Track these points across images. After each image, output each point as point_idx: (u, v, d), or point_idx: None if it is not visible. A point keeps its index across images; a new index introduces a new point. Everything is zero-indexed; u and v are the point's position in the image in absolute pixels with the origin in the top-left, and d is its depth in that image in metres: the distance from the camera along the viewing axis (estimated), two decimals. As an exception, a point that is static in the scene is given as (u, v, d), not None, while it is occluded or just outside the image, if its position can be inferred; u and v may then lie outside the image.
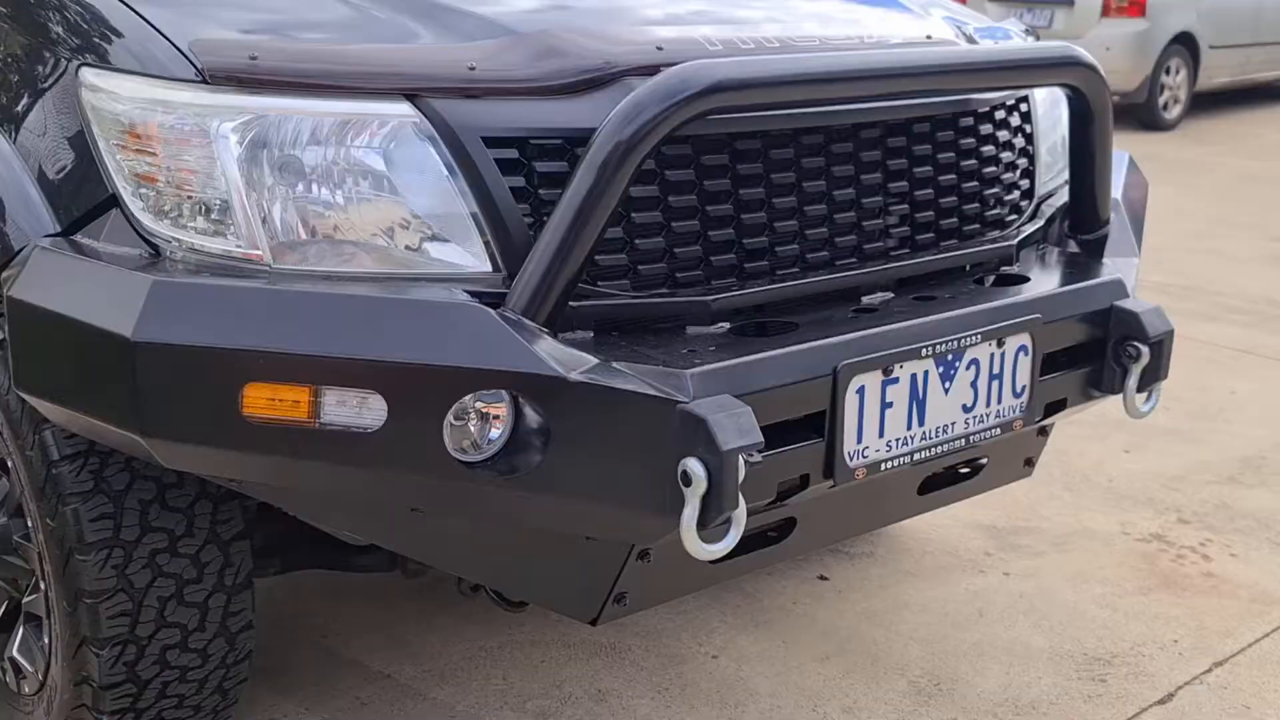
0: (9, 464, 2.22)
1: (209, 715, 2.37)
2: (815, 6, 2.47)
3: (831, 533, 2.30)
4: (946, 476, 2.40)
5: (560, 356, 1.76)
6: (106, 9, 2.01)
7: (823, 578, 3.25)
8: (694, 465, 1.73)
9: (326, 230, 1.85)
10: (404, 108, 1.87)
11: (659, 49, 2.01)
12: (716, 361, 1.83)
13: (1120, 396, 2.30)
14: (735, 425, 1.73)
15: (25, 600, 2.33)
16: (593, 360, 1.77)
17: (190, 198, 1.84)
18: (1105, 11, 10.50)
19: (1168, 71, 10.72)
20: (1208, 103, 11.69)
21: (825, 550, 3.37)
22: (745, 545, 2.15)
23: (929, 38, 2.37)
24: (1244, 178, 8.91)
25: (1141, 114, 10.72)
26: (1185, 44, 10.81)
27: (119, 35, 1.97)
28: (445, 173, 1.87)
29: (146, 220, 1.87)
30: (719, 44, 2.06)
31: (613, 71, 1.96)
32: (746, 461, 1.75)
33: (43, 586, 2.22)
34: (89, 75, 1.94)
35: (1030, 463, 2.55)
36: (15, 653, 2.39)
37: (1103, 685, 2.81)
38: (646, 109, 1.79)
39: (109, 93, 1.90)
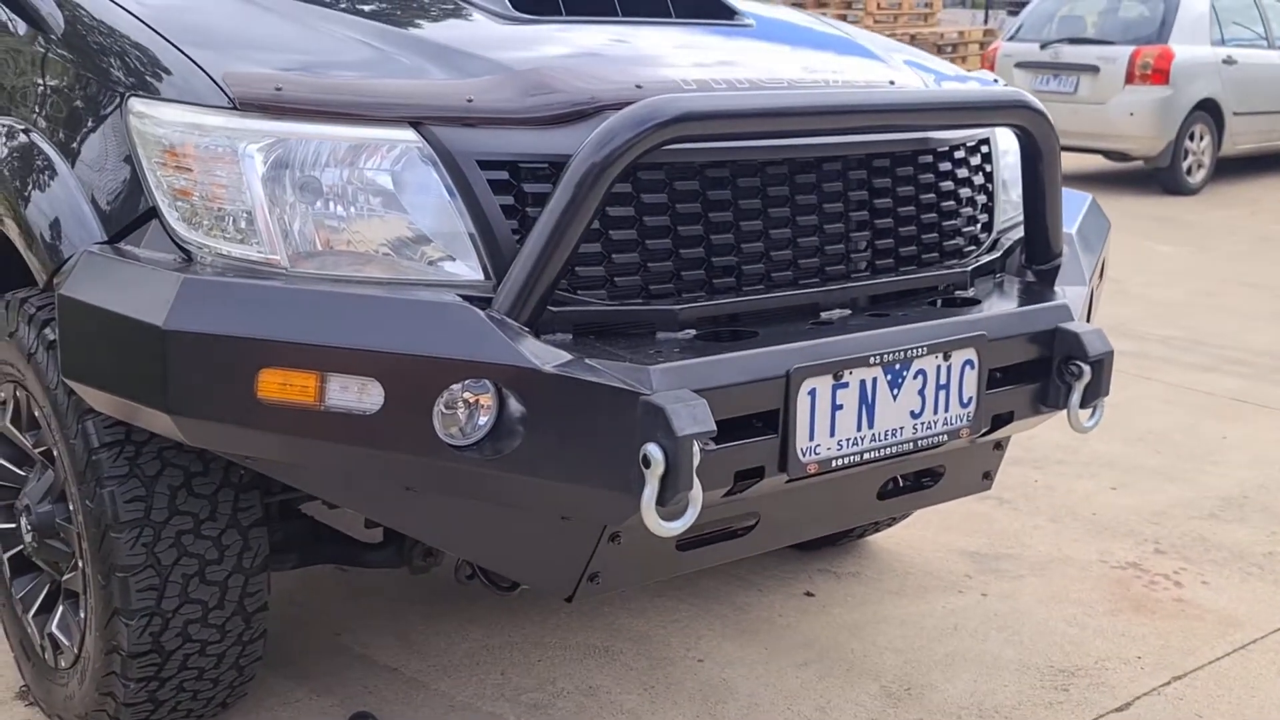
0: (54, 454, 2.47)
1: (225, 689, 2.59)
2: (787, 54, 2.72)
3: (795, 530, 2.51)
4: (907, 484, 2.60)
5: (538, 352, 1.99)
6: (157, 48, 2.29)
7: (809, 594, 3.45)
8: (653, 449, 1.95)
9: (337, 241, 2.10)
10: (409, 134, 2.12)
11: (638, 87, 2.26)
12: (678, 360, 2.05)
13: (1065, 412, 2.50)
14: (690, 414, 1.95)
15: (65, 579, 2.58)
16: (566, 356, 2.01)
17: (219, 210, 2.10)
18: (1129, 79, 10.72)
19: (1191, 137, 10.90)
20: (1232, 168, 11.85)
21: (813, 569, 3.57)
22: (712, 538, 2.37)
23: (892, 83, 2.60)
24: (1263, 239, 9.07)
25: (1165, 179, 10.90)
26: (1209, 110, 11.00)
27: (166, 71, 2.25)
28: (444, 192, 2.12)
29: (181, 229, 2.13)
30: (693, 84, 2.31)
31: (595, 105, 2.20)
32: (702, 449, 1.97)
33: (80, 564, 2.47)
34: (136, 104, 2.21)
35: (989, 476, 2.74)
36: (55, 628, 2.64)
37: (1064, 694, 2.99)
38: (619, 135, 2.03)
39: (153, 118, 2.18)
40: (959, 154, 2.64)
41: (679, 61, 2.46)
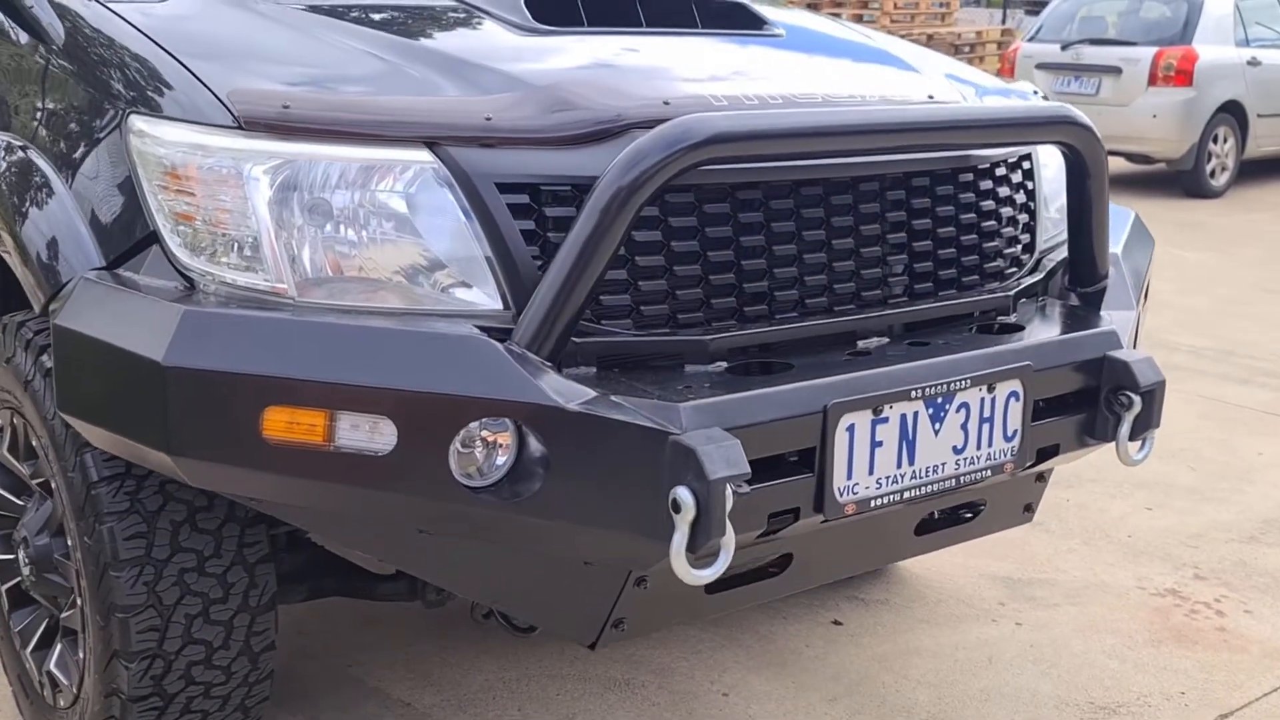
0: (52, 485, 2.36)
1: (232, 731, 2.48)
2: (821, 67, 2.59)
3: (828, 570, 2.38)
4: (945, 518, 2.48)
5: (560, 388, 1.87)
6: (158, 62, 2.17)
7: (837, 622, 3.32)
8: (683, 493, 1.83)
9: (348, 268, 1.98)
10: (424, 154, 2.00)
11: (666, 104, 2.14)
12: (709, 396, 1.93)
13: (1113, 444, 2.37)
14: (723, 456, 1.83)
15: (63, 616, 2.46)
16: (591, 393, 1.89)
17: (224, 235, 1.98)
18: (1152, 80, 10.56)
19: (1215, 140, 10.74)
20: (1257, 170, 11.68)
21: (841, 596, 3.45)
22: (742, 579, 2.25)
23: (931, 97, 2.48)
24: (1289, 245, 8.92)
25: (1188, 182, 10.74)
26: (1233, 112, 10.84)
27: (168, 86, 2.13)
28: (461, 216, 2.00)
29: (183, 256, 2.02)
30: (724, 100, 2.19)
31: (621, 124, 2.08)
32: (735, 492, 1.85)
33: (79, 602, 2.35)
34: (137, 122, 2.10)
35: (1030, 509, 2.62)
36: (53, 667, 2.52)
37: (1106, 733, 2.86)
38: (647, 157, 1.91)
39: (154, 137, 2.06)
40: (1000, 171, 2.51)
41: (708, 75, 2.34)
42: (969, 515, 2.50)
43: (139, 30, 2.25)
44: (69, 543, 2.34)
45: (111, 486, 2.21)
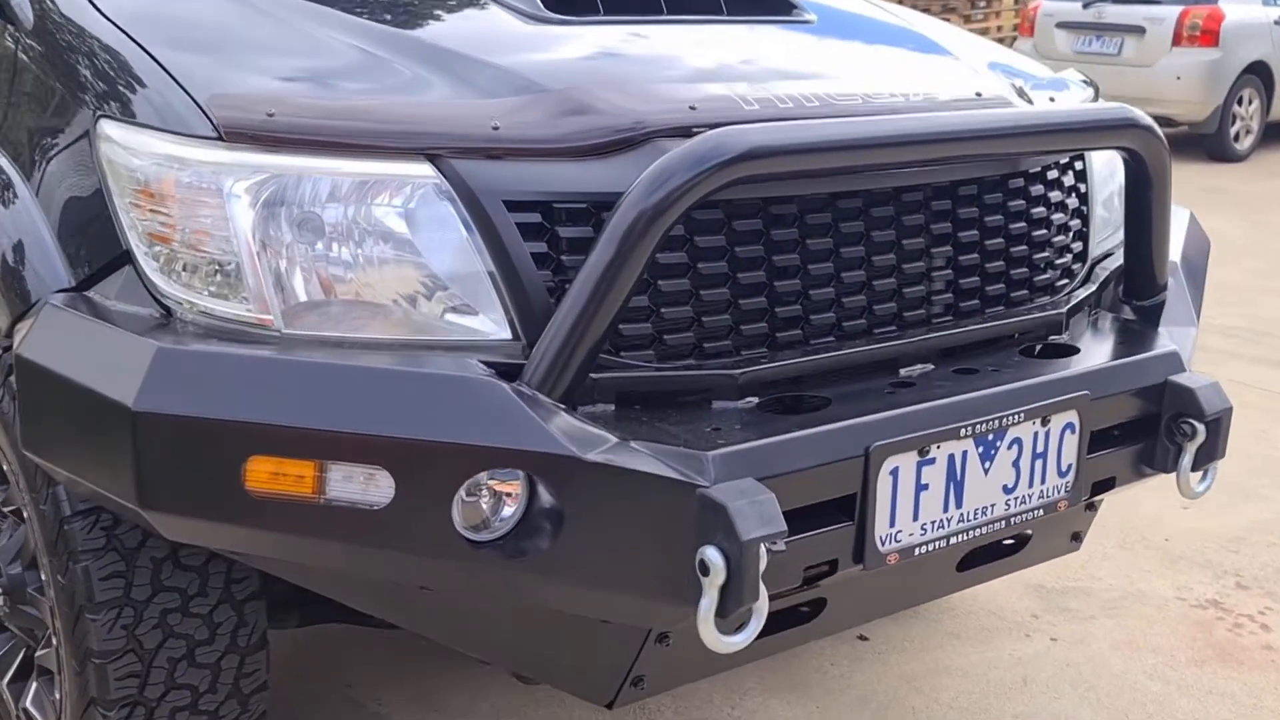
0: (24, 514, 2.18)
1: (220, 777, 2.31)
2: (859, 60, 2.38)
3: (865, 612, 2.20)
4: (988, 551, 2.29)
5: (576, 435, 1.68)
6: (131, 58, 1.97)
7: (862, 637, 3.15)
8: (713, 554, 1.64)
9: (340, 296, 1.79)
10: (424, 168, 1.80)
11: (692, 108, 1.94)
12: (741, 442, 1.74)
13: (1174, 475, 2.19)
14: (757, 513, 1.64)
15: (38, 654, 2.29)
16: (610, 440, 1.70)
17: (202, 259, 1.79)
18: (1177, 40, 10.28)
19: (1240, 102, 10.47)
20: (1281, 133, 11.43)
21: (865, 608, 3.27)
22: (772, 624, 2.06)
23: (979, 95, 2.26)
24: (1317, 212, 8.68)
25: (1211, 145, 10.48)
26: (1259, 73, 10.55)
27: (141, 86, 1.93)
28: (465, 237, 1.80)
29: (158, 281, 1.82)
30: (755, 103, 1.98)
31: (643, 132, 1.88)
32: (769, 550, 1.67)
33: (55, 642, 2.18)
34: (107, 127, 1.89)
35: (1078, 537, 2.44)
36: (29, 704, 2.35)
37: (1151, 766, 2.70)
38: (674, 176, 1.71)
39: (125, 147, 1.86)
40: (1052, 174, 2.30)
41: (736, 72, 2.13)
42: (1014, 547, 2.31)
43: (108, 19, 2.04)
44: (43, 578, 2.16)
45: (86, 522, 2.03)
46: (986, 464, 1.95)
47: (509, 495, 1.71)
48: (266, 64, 1.98)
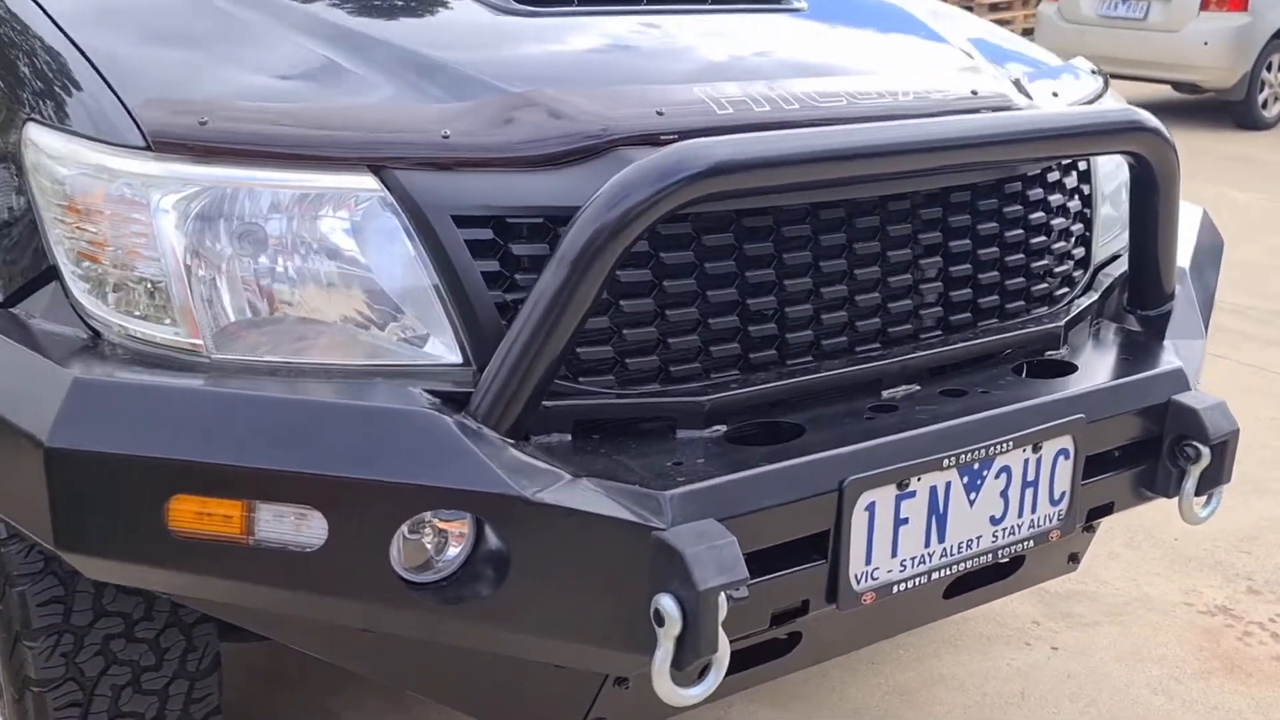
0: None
1: (173, 806, 2.22)
2: (847, 54, 2.24)
3: (843, 645, 2.09)
4: (978, 577, 2.17)
5: (522, 471, 1.56)
6: (64, 54, 1.84)
7: (855, 645, 3.04)
8: (668, 603, 1.53)
9: (275, 316, 1.67)
10: (368, 181, 1.68)
11: (659, 114, 1.80)
12: (703, 478, 1.62)
13: (1175, 500, 2.06)
14: (715, 560, 1.53)
15: (-22, 677, 2.20)
16: (561, 476, 1.58)
17: (129, 279, 1.67)
18: (1204, 5, 10.03)
19: (1269, 68, 10.22)
20: (1311, 100, 11.16)
21: (860, 613, 3.16)
22: (743, 661, 1.96)
23: (974, 93, 2.12)
24: (1346, 184, 8.46)
25: (1238, 112, 10.25)
26: (1289, 40, 10.31)
27: (76, 89, 1.80)
28: (412, 255, 1.68)
29: (85, 301, 1.70)
30: (729, 106, 1.85)
31: (605, 140, 1.75)
32: (730, 597, 1.55)
33: (-7, 665, 2.09)
34: (34, 132, 1.77)
35: (1075, 558, 2.31)
36: (-27, 726, 2.27)
37: (1151, 789, 2.59)
38: (634, 192, 1.59)
39: (52, 155, 1.74)
40: (1053, 175, 2.16)
41: (714, 69, 2.00)
42: (1006, 571, 2.19)
43: (49, 16, 1.91)
44: (-21, 601, 2.07)
45: (22, 545, 1.92)
46: (972, 495, 1.83)
47: (456, 535, 1.60)
48: (210, 66, 1.85)
